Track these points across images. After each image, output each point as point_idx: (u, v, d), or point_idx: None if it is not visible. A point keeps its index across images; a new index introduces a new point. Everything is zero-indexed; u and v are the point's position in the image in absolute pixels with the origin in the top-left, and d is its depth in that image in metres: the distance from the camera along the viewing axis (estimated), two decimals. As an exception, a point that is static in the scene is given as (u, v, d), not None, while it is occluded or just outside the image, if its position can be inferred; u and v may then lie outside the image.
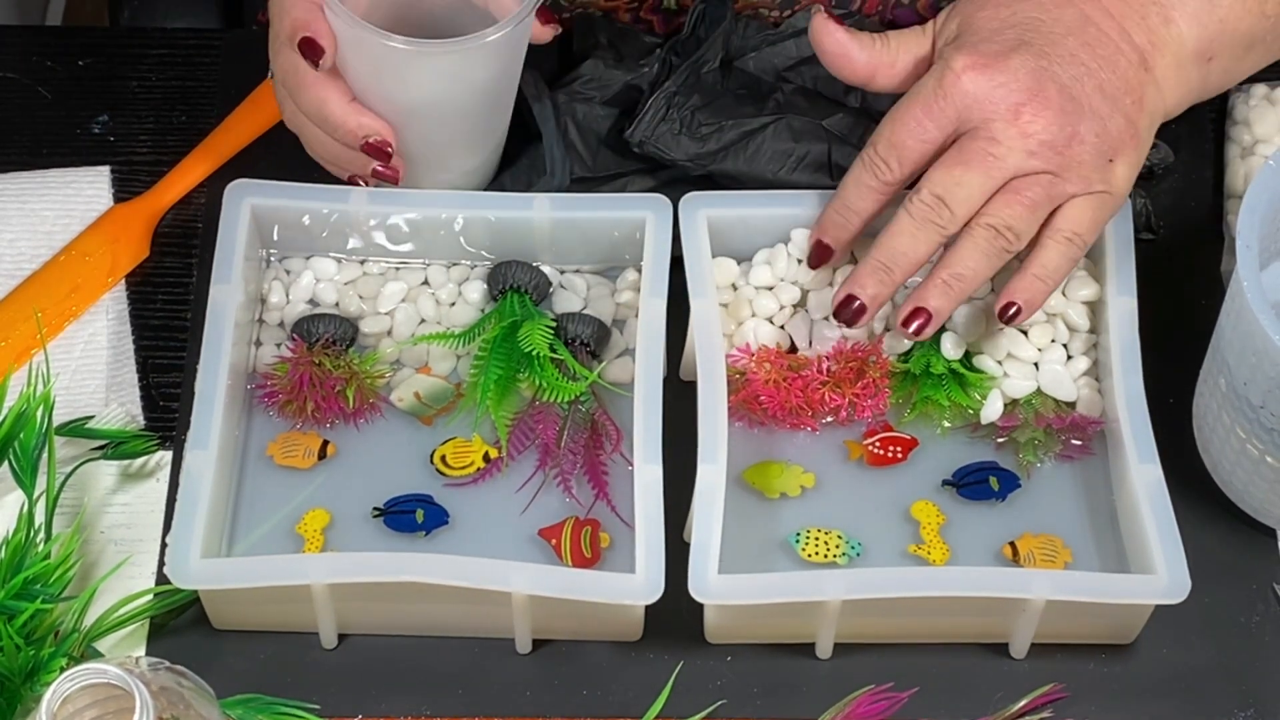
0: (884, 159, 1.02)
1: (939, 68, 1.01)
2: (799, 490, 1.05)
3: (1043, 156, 1.00)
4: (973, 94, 1.00)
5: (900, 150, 1.01)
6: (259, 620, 1.01)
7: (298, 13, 1.03)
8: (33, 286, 1.12)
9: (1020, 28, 1.01)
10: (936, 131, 1.01)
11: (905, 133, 1.01)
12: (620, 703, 1.00)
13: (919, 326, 1.01)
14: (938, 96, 1.00)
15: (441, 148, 1.09)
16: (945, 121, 1.01)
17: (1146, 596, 0.98)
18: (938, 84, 1.00)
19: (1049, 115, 0.99)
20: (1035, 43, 1.01)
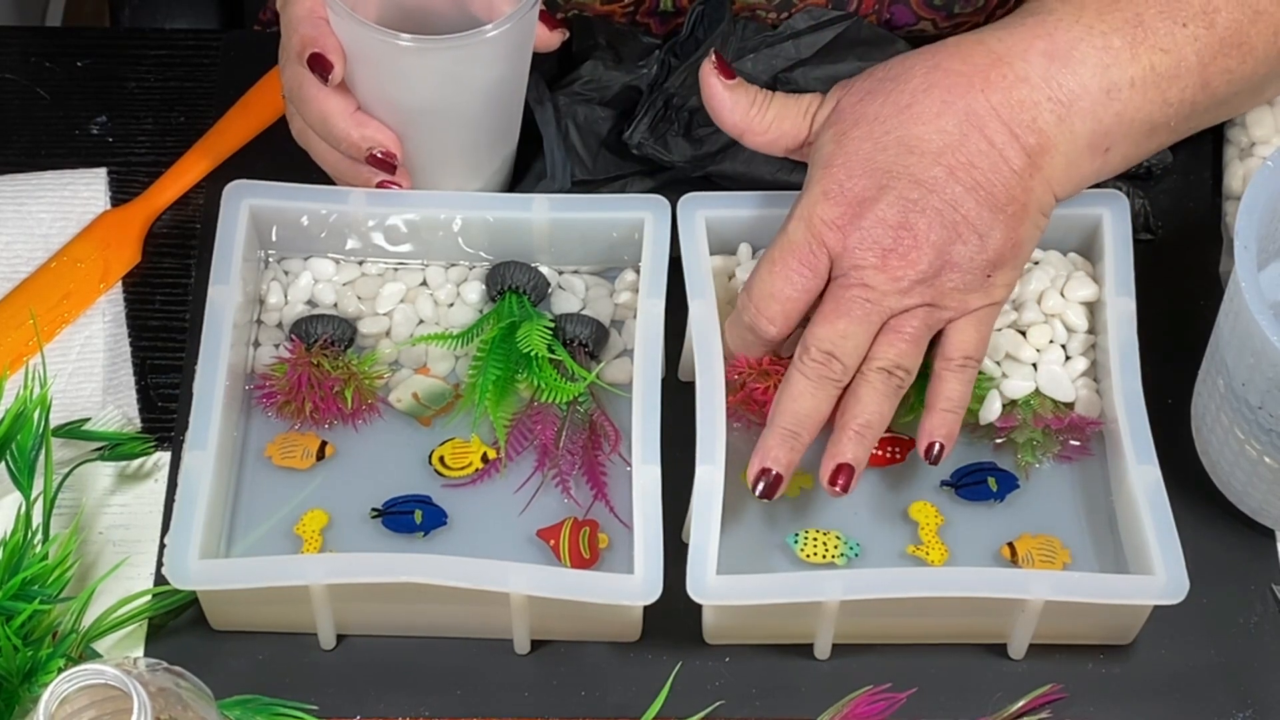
0: (765, 314, 1.01)
1: (806, 212, 1.00)
2: (797, 491, 1.05)
3: (917, 293, 0.99)
4: (842, 243, 0.99)
5: (781, 304, 1.00)
6: (257, 621, 1.01)
7: (306, 29, 1.03)
8: (25, 293, 1.12)
9: (893, 151, 1.00)
10: (813, 279, 1.00)
11: (781, 280, 1.00)
12: (619, 703, 1.00)
13: (844, 482, 1.00)
14: (811, 245, 1.00)
15: (447, 156, 1.08)
16: (820, 269, 1.00)
17: (1145, 597, 0.98)
18: (809, 233, 1.00)
19: (917, 254, 0.99)
20: (904, 173, 0.99)
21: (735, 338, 1.03)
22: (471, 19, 1.06)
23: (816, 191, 1.00)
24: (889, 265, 0.99)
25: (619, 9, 1.20)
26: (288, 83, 1.07)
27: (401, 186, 1.07)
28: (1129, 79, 1.01)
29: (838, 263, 1.00)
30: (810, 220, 1.00)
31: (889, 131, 1.01)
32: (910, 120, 1.00)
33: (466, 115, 1.06)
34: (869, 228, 0.99)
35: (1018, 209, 1.00)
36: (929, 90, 1.01)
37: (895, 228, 0.99)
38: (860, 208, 0.99)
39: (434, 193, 1.09)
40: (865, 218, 0.99)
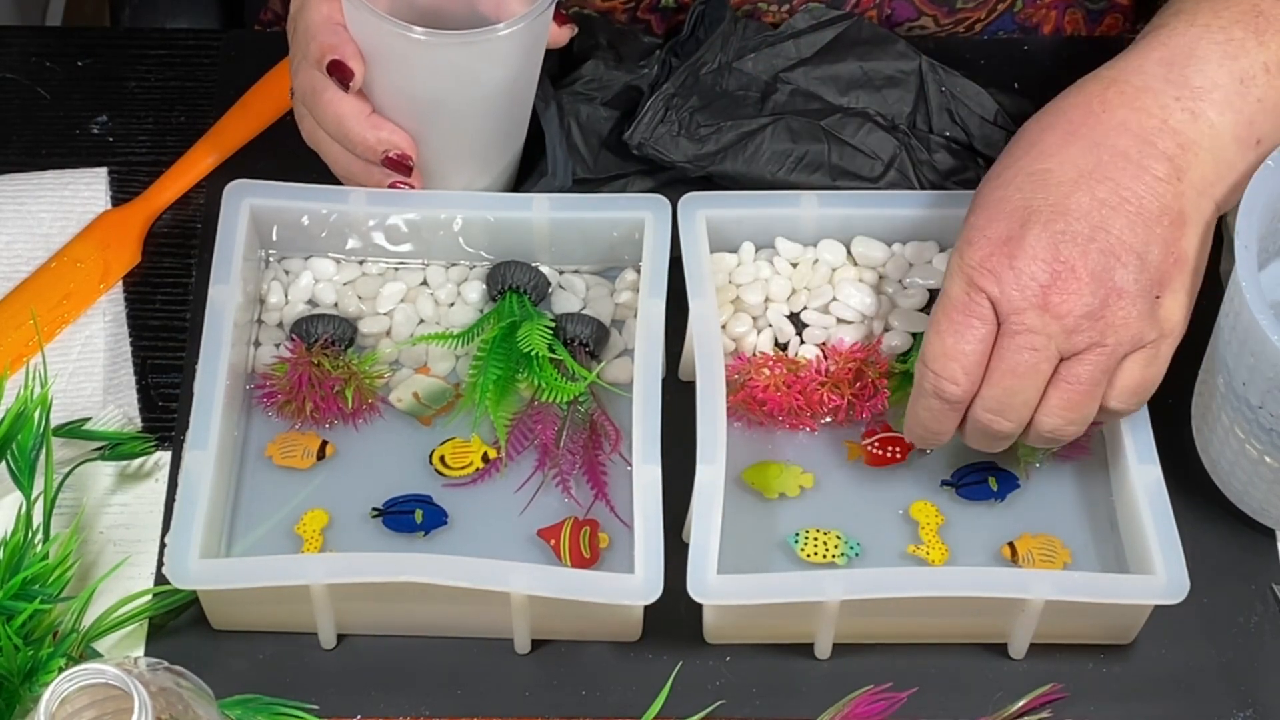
0: (947, 376, 0.96)
1: (957, 264, 0.96)
2: (798, 490, 1.05)
3: (1085, 331, 0.94)
4: (997, 287, 0.94)
5: (960, 361, 0.96)
6: (258, 621, 1.01)
7: (325, 36, 1.03)
8: (25, 293, 1.12)
9: (1029, 189, 0.96)
10: (984, 328, 0.95)
11: (955, 338, 0.95)
12: (619, 703, 1.00)
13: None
14: (972, 294, 0.95)
15: (458, 153, 1.09)
16: (987, 315, 0.95)
17: (1145, 597, 0.98)
18: (964, 283, 0.95)
19: (1077, 285, 0.94)
20: (1044, 205, 0.95)
21: (924, 410, 0.98)
22: (482, 19, 1.06)
23: (961, 243, 0.96)
24: (1050, 303, 0.94)
25: (619, 6, 1.20)
26: (300, 86, 1.07)
27: (414, 187, 1.07)
28: (1262, 65, 0.97)
29: (999, 310, 0.95)
30: (963, 270, 0.95)
31: (1018, 174, 0.97)
32: (1037, 158, 0.97)
33: (478, 112, 1.06)
34: (1023, 266, 0.94)
35: (1173, 219, 0.95)
36: (1050, 129, 0.98)
37: (1049, 262, 0.94)
38: (1008, 247, 0.95)
39: (434, 192, 1.10)
40: (1017, 258, 0.94)
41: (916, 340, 1.08)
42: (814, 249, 1.10)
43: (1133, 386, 0.97)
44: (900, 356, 1.08)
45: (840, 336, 1.08)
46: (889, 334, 1.08)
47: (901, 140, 1.13)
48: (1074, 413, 0.96)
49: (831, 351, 1.08)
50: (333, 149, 1.08)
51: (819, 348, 1.08)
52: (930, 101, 1.15)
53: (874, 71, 1.15)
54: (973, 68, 1.18)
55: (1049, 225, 0.95)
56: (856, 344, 1.08)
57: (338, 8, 1.03)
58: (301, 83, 1.06)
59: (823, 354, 1.08)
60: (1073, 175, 0.96)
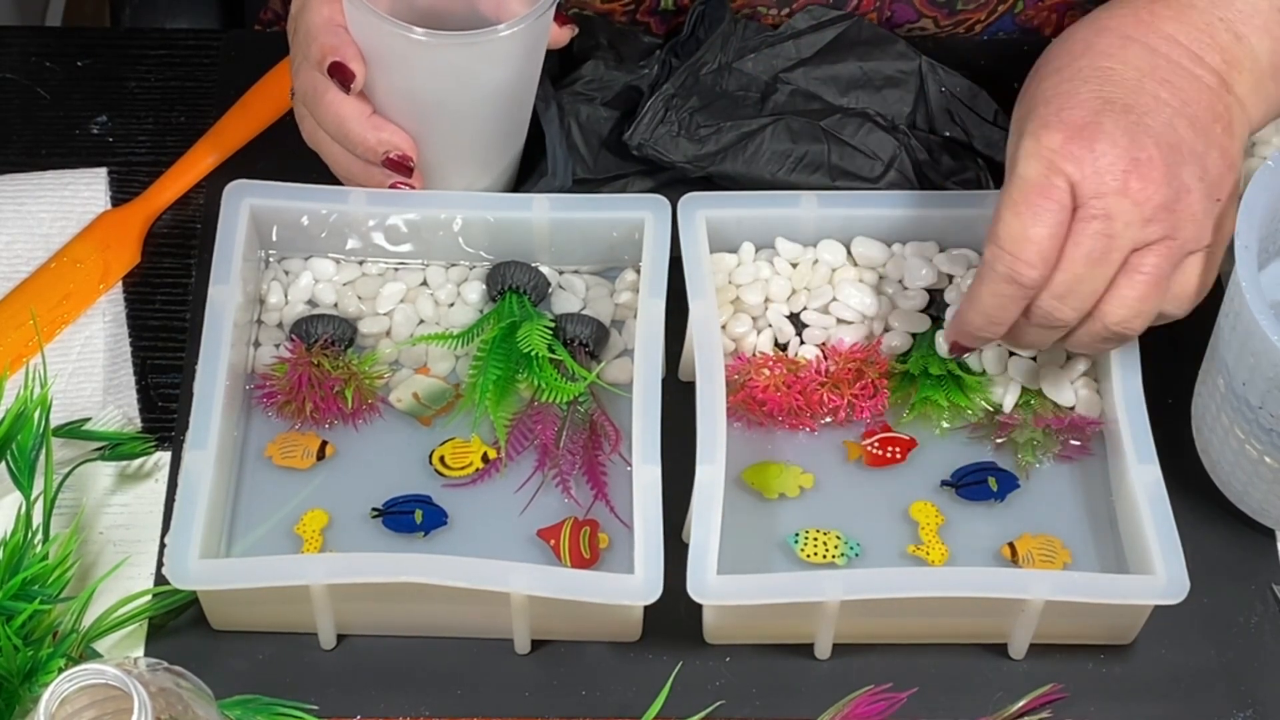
0: (1024, 258, 0.95)
1: (1033, 148, 0.96)
2: (798, 491, 1.05)
3: (1158, 223, 0.95)
4: (1079, 169, 0.94)
5: (1037, 243, 0.95)
6: (257, 621, 1.01)
7: (326, 38, 1.03)
8: (25, 293, 1.12)
9: (1096, 82, 0.97)
10: (1061, 212, 0.94)
11: (1035, 223, 0.94)
12: (619, 703, 1.00)
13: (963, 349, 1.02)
14: (1050, 177, 0.95)
15: (458, 154, 1.09)
16: (1065, 201, 0.95)
17: (1145, 597, 0.98)
18: (1043, 166, 0.95)
19: (1156, 175, 0.94)
20: (1117, 97, 0.96)
21: (991, 296, 0.97)
22: (483, 20, 1.06)
23: (1036, 127, 0.96)
24: (1130, 189, 0.94)
25: (619, 7, 1.20)
26: (301, 87, 1.07)
27: (414, 188, 1.07)
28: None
29: (1078, 192, 0.94)
30: (1040, 153, 0.95)
31: (1080, 70, 0.97)
32: (1097, 57, 0.98)
33: (478, 113, 1.06)
34: (1103, 151, 0.94)
35: (1224, 126, 0.97)
36: (1104, 32, 0.99)
37: (1128, 149, 0.95)
38: (1086, 133, 0.95)
39: (434, 193, 1.09)
40: (1098, 141, 0.94)
41: (916, 340, 1.08)
42: (814, 249, 1.10)
43: (1190, 290, 0.98)
44: (900, 356, 1.08)
45: (840, 337, 1.08)
46: (889, 334, 1.08)
47: (901, 140, 1.13)
48: (1143, 304, 0.96)
49: (831, 351, 1.08)
50: (333, 150, 1.08)
51: (819, 348, 1.08)
52: (930, 101, 1.15)
53: (874, 72, 1.15)
54: (973, 68, 1.18)
55: (1125, 114, 0.96)
56: (856, 344, 1.08)
57: (338, 9, 1.03)
58: (302, 84, 1.06)
59: (823, 354, 1.08)
60: (1135, 75, 0.97)
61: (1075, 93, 0.97)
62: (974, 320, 0.99)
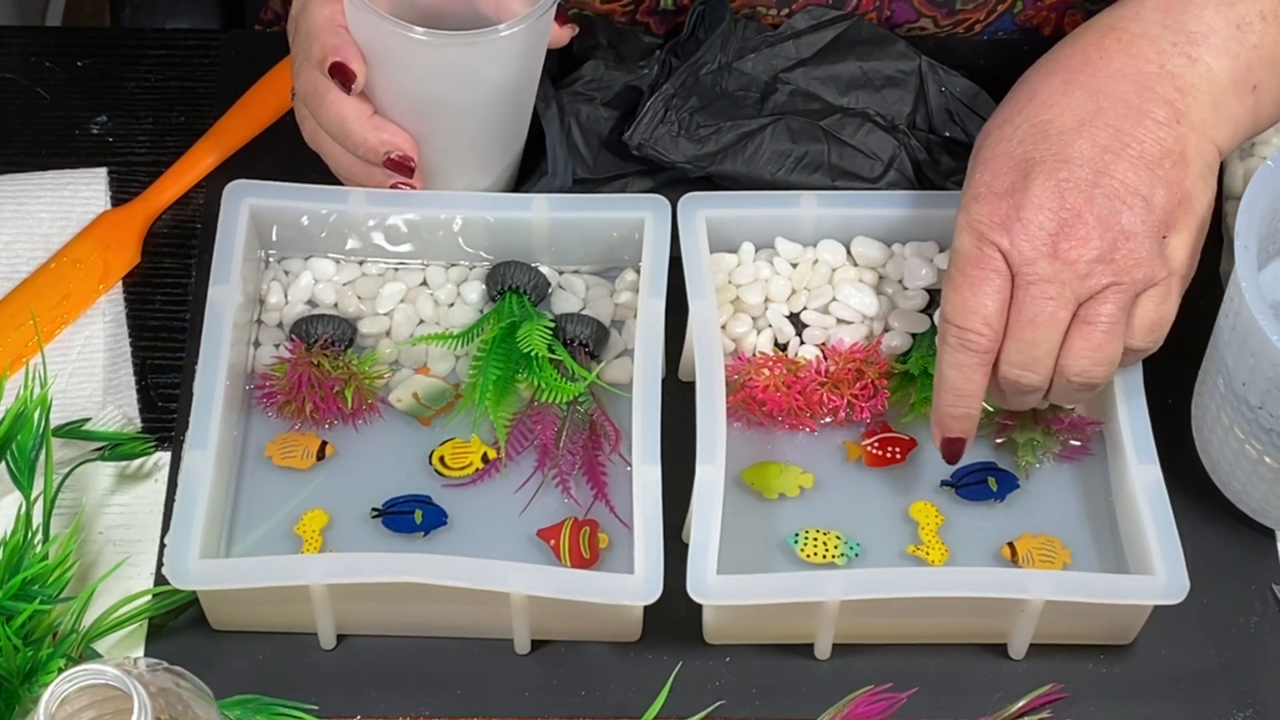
0: (971, 328, 0.97)
1: (964, 221, 0.97)
2: (798, 491, 1.05)
3: (1097, 275, 0.95)
4: (1007, 239, 0.95)
5: (981, 313, 0.96)
6: (257, 621, 1.01)
7: (327, 38, 1.03)
8: (25, 293, 1.12)
9: (1031, 140, 0.97)
10: (999, 279, 0.96)
11: (971, 291, 0.96)
12: (619, 703, 1.00)
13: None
14: (983, 247, 0.96)
15: (459, 154, 1.08)
16: (1000, 267, 0.96)
17: (1145, 597, 0.98)
18: (974, 238, 0.96)
19: (1085, 231, 0.95)
20: (1046, 155, 0.96)
21: (951, 368, 0.98)
22: (484, 19, 1.06)
23: (967, 199, 0.98)
24: (1060, 251, 0.95)
25: (619, 7, 1.20)
26: (302, 87, 1.07)
27: (415, 188, 1.07)
28: (1258, 13, 0.99)
29: (1011, 262, 0.96)
30: (971, 225, 0.97)
31: (1019, 125, 0.98)
32: (1038, 109, 0.98)
33: (479, 113, 1.06)
34: (1030, 217, 0.95)
35: (1175, 161, 0.97)
36: (1048, 78, 0.99)
37: (1055, 210, 0.95)
38: (1014, 199, 0.96)
39: (434, 193, 1.09)
40: (1024, 208, 0.95)
41: (916, 340, 1.08)
42: (814, 249, 1.10)
43: (1150, 323, 0.98)
44: (900, 356, 1.08)
45: (840, 336, 1.08)
46: (889, 334, 1.08)
47: (901, 140, 1.13)
48: (1099, 352, 0.97)
49: (831, 352, 1.08)
50: (334, 150, 1.08)
51: (819, 348, 1.08)
52: (930, 101, 1.15)
53: (874, 72, 1.15)
54: (973, 68, 1.18)
55: (1053, 174, 0.96)
56: (856, 344, 1.08)
57: (339, 9, 1.03)
58: (303, 84, 1.06)
59: (823, 354, 1.08)
60: (1073, 123, 0.97)
61: (1010, 154, 0.98)
62: (945, 399, 1.00)
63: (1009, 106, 1.00)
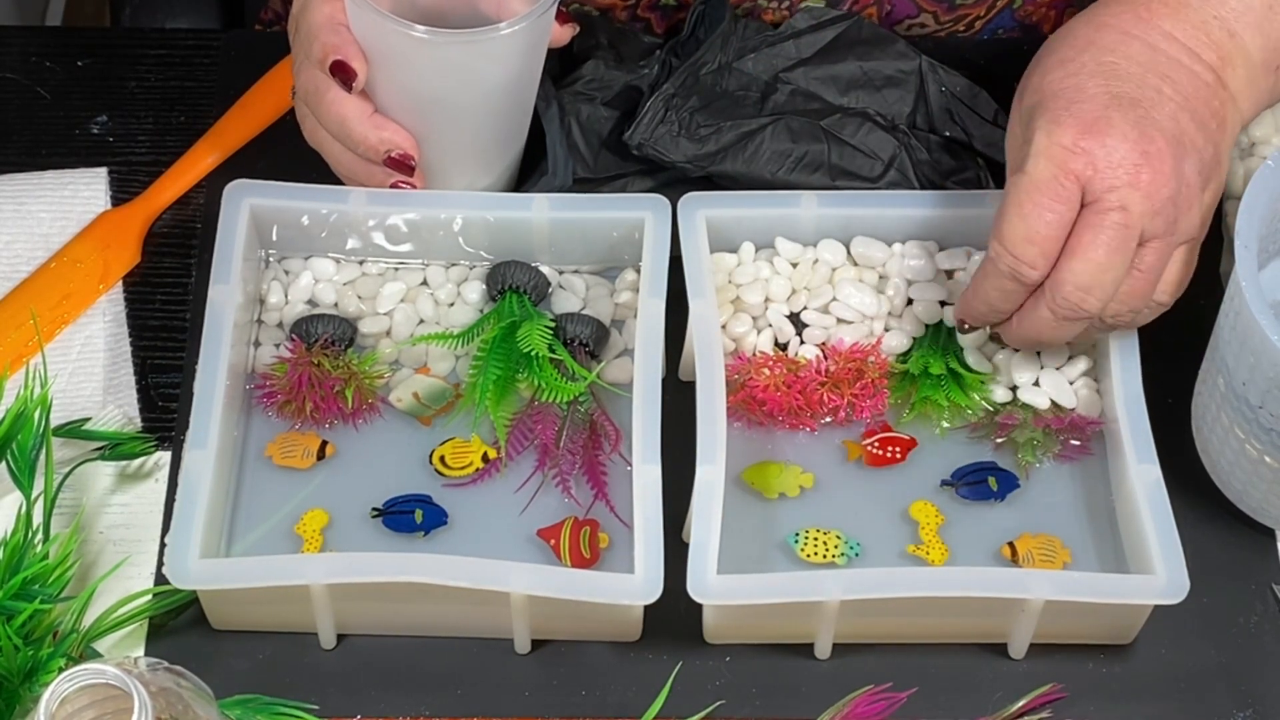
0: (1026, 259, 0.96)
1: (1044, 145, 0.96)
2: (798, 490, 1.05)
3: (1165, 214, 0.96)
4: (1092, 166, 0.95)
5: (1040, 244, 0.96)
6: (258, 620, 1.01)
7: (327, 36, 1.03)
8: (25, 293, 1.12)
9: (1102, 77, 0.98)
10: (1068, 212, 0.96)
11: (1039, 220, 0.96)
12: (619, 703, 1.00)
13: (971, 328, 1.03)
14: (1060, 177, 0.95)
15: (460, 153, 1.08)
16: (1073, 200, 0.96)
17: (1145, 597, 0.98)
18: (1053, 164, 0.96)
19: (1165, 168, 0.96)
20: (1125, 91, 0.97)
21: (995, 290, 0.98)
22: (484, 18, 1.06)
23: (1047, 122, 0.97)
24: (1141, 182, 0.95)
25: (619, 3, 1.20)
26: (303, 86, 1.07)
27: (416, 187, 1.07)
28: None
29: (1089, 189, 0.96)
30: (1052, 151, 0.96)
31: (1085, 64, 0.99)
32: (1101, 51, 0.99)
33: (479, 112, 1.06)
34: (1115, 146, 0.95)
35: (1219, 122, 0.99)
36: (1102, 29, 1.00)
37: (1139, 142, 0.96)
38: (1097, 128, 0.96)
39: (434, 192, 1.09)
40: (1109, 136, 0.96)
41: (916, 341, 1.08)
42: (814, 249, 1.10)
43: (1178, 279, 1.00)
44: (900, 356, 1.08)
45: (840, 336, 1.08)
46: (889, 334, 1.08)
47: (901, 140, 1.13)
48: (1138, 300, 0.98)
49: (831, 351, 1.08)
50: (334, 149, 1.08)
51: (819, 348, 1.08)
52: (930, 101, 1.15)
53: (874, 71, 1.15)
54: (973, 67, 1.18)
55: (1133, 108, 0.97)
56: (856, 344, 1.08)
57: (340, 8, 1.03)
58: (304, 83, 1.06)
59: (823, 354, 1.08)
60: (1138, 70, 0.98)
61: (1083, 87, 0.98)
62: (978, 308, 1.01)
63: (1064, 49, 1.00)
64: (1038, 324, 0.99)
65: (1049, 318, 0.98)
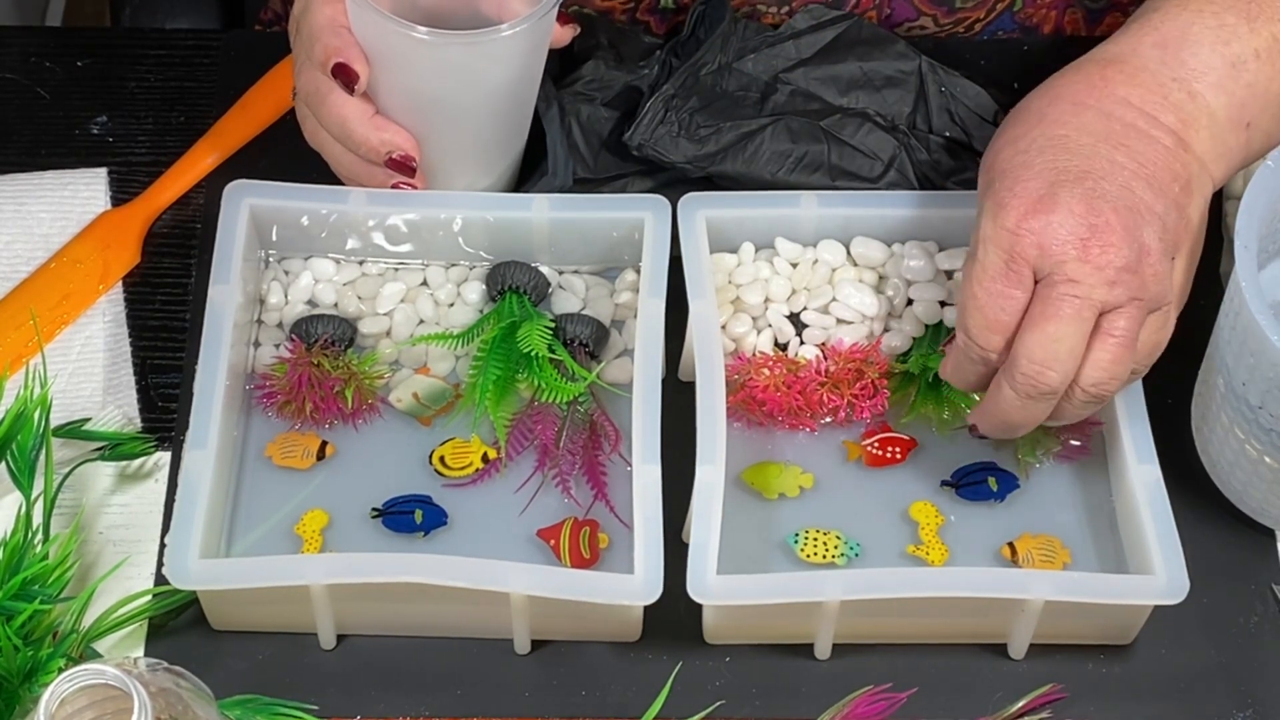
0: (984, 344, 0.97)
1: (991, 231, 0.96)
2: (798, 491, 1.05)
3: (1123, 285, 0.95)
4: (1038, 244, 0.95)
5: (1002, 331, 0.96)
6: (257, 621, 1.01)
7: (329, 39, 1.03)
8: (24, 293, 1.12)
9: (1051, 152, 0.97)
10: (1023, 295, 0.96)
11: (995, 309, 0.96)
12: (619, 703, 1.00)
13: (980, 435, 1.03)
14: (1010, 263, 0.95)
15: (460, 154, 1.09)
16: (1026, 282, 0.96)
17: (1145, 597, 0.98)
18: (1001, 250, 0.96)
19: (1115, 239, 0.95)
20: (1072, 166, 0.97)
21: (970, 374, 1.00)
22: (485, 19, 1.06)
23: (993, 206, 0.97)
24: (1090, 255, 0.95)
25: (618, 5, 1.20)
26: (304, 87, 1.07)
27: (417, 188, 1.07)
28: (1253, 51, 1.00)
29: (1038, 268, 0.95)
30: (999, 236, 0.96)
31: (1034, 140, 0.98)
32: (1051, 126, 0.98)
33: (480, 113, 1.06)
34: (1060, 222, 0.95)
35: (1183, 186, 0.98)
36: (1055, 101, 0.99)
37: (1084, 215, 0.95)
38: (1042, 205, 0.95)
39: (434, 193, 1.09)
40: (1054, 213, 0.95)
41: (916, 342, 1.08)
42: (814, 249, 1.10)
43: (1152, 345, 0.99)
44: (900, 356, 1.08)
45: (840, 337, 1.08)
46: (889, 334, 1.08)
47: (901, 140, 1.13)
48: (1117, 365, 0.97)
49: (831, 352, 1.08)
50: (335, 149, 1.08)
51: (819, 348, 1.08)
52: (930, 101, 1.15)
53: (874, 72, 1.15)
54: (973, 68, 1.18)
55: (1079, 183, 0.96)
56: (856, 344, 1.08)
57: (341, 9, 1.03)
58: (304, 84, 1.06)
59: (823, 354, 1.08)
60: (1090, 141, 0.97)
61: (1030, 164, 0.97)
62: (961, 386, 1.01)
63: (1016, 126, 1.00)
64: (1002, 405, 0.98)
65: (1012, 397, 0.97)
